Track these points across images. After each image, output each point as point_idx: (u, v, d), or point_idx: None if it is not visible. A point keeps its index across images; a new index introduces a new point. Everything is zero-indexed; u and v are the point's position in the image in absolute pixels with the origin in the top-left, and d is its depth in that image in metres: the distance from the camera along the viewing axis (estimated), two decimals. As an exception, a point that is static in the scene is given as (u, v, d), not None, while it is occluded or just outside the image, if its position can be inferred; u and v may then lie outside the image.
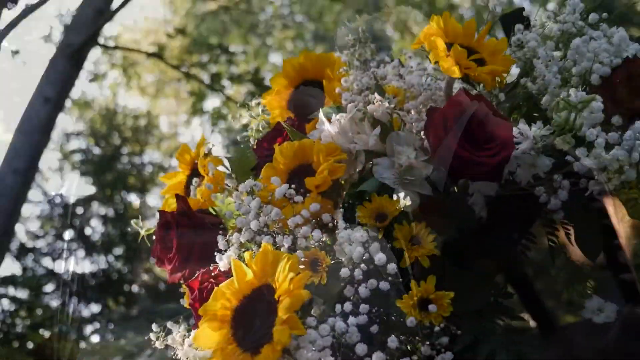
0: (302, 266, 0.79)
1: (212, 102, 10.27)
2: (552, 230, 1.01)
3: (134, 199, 8.03)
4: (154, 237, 1.01)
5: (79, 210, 7.40)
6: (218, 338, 0.76)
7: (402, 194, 0.84)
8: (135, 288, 6.71)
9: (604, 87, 0.84)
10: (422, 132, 0.89)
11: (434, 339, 0.75)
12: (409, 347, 0.76)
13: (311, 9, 9.34)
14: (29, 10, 4.30)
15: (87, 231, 7.17)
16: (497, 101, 0.94)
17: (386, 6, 9.83)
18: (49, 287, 6.00)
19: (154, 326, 0.94)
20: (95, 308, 6.45)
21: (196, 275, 0.89)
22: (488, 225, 0.92)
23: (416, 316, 0.76)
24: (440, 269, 0.83)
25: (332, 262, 0.82)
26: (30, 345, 4.97)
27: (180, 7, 9.78)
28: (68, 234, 7.01)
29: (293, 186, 0.85)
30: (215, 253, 0.86)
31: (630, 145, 0.77)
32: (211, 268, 0.88)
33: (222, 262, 0.84)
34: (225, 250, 0.85)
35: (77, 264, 6.94)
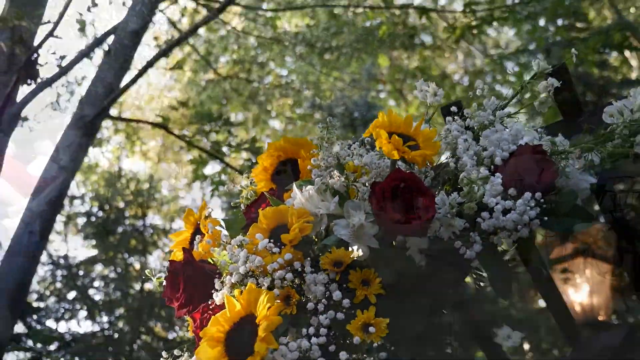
0: (277, 300, 1.06)
1: (212, 167, 10.53)
2: (479, 277, 1.28)
3: (135, 261, 8.19)
4: (164, 283, 1.27)
5: (82, 271, 7.59)
6: (214, 353, 1.02)
7: (355, 247, 1.11)
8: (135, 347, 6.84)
9: (503, 167, 1.11)
10: (369, 200, 1.16)
11: (374, 353, 1.01)
12: (357, 361, 1.02)
13: (308, 77, 9.67)
14: (43, 84, 4.62)
15: (90, 292, 7.33)
16: (430, 176, 1.21)
17: (381, 74, 10.21)
18: (52, 347, 6.14)
19: (163, 353, 1.20)
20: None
21: (198, 309, 1.15)
22: (428, 272, 1.18)
23: (360, 336, 1.01)
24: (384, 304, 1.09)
25: (302, 298, 1.08)
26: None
27: (182, 75, 10.13)
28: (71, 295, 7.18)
29: (272, 241, 1.10)
30: (213, 292, 1.13)
31: (522, 210, 1.04)
32: (209, 303, 1.14)
33: (218, 298, 1.11)
34: (220, 289, 1.12)
35: (80, 324, 7.11)
